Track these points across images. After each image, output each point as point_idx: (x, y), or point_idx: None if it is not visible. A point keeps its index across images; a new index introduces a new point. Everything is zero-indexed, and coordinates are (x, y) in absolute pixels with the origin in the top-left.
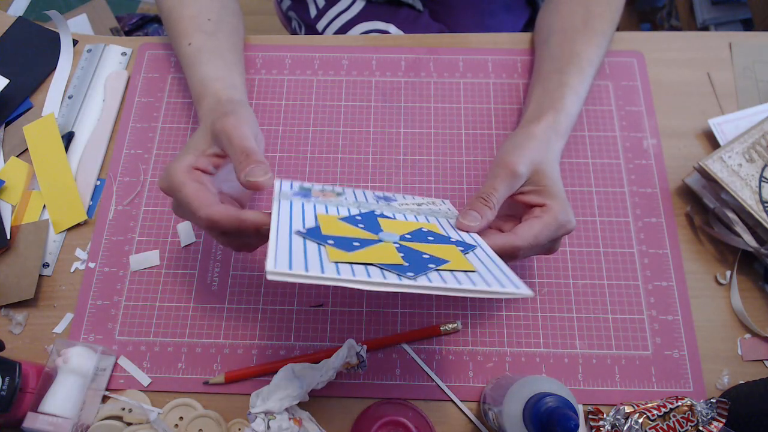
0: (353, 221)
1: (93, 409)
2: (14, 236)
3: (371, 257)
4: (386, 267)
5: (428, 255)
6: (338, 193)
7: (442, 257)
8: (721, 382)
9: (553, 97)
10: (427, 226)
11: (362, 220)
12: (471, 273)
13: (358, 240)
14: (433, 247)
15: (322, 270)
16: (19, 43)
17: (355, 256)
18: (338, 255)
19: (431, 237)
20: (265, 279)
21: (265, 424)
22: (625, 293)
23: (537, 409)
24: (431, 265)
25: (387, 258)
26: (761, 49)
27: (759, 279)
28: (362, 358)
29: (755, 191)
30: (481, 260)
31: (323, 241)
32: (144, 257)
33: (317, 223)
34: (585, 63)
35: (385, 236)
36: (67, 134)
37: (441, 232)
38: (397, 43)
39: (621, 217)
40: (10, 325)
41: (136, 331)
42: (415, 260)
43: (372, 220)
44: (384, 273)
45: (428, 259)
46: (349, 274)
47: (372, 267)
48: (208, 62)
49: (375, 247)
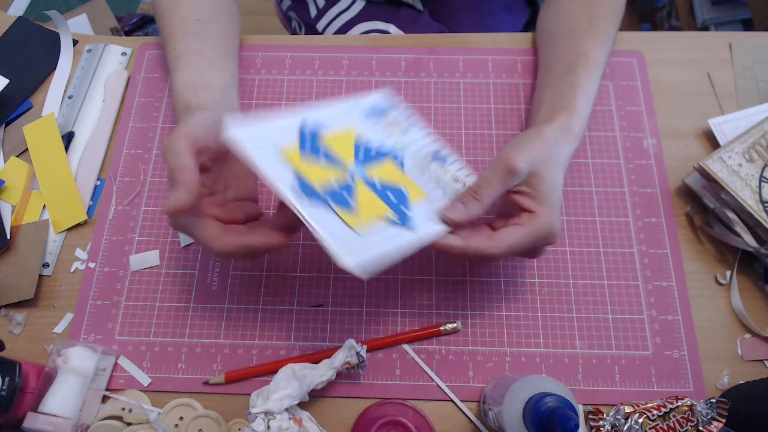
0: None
1: (93, 409)
2: (14, 236)
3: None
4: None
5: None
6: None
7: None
8: (721, 382)
9: (565, 97)
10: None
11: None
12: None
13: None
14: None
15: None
16: (19, 43)
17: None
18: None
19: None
20: (265, 279)
21: (265, 424)
22: (625, 293)
23: (537, 409)
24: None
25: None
26: (761, 49)
27: (759, 279)
28: (362, 358)
29: (755, 191)
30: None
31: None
32: (144, 257)
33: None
34: (593, 63)
35: (353, 171)
36: (67, 134)
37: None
38: (397, 43)
39: (621, 217)
40: (10, 325)
41: (136, 331)
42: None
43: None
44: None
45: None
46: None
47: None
48: (184, 67)
49: (359, 196)
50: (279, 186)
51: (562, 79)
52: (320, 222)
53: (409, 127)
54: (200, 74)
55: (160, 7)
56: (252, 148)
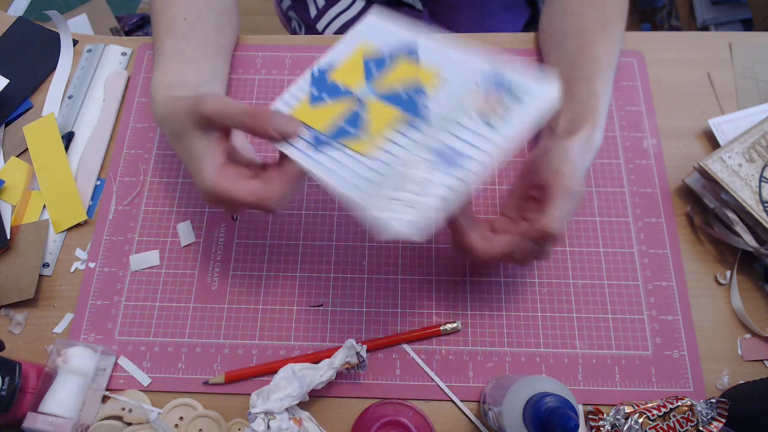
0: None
1: (93, 409)
2: (14, 236)
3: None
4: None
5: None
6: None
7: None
8: (721, 382)
9: (587, 107)
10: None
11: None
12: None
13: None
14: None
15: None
16: (19, 43)
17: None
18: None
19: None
20: (265, 278)
21: (265, 424)
22: (625, 293)
23: (537, 409)
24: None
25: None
26: (761, 49)
27: (759, 279)
28: (362, 358)
29: (755, 191)
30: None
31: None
32: (144, 257)
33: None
34: (608, 69)
35: (362, 94)
36: (67, 134)
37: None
38: None
39: (621, 217)
40: (10, 325)
41: (136, 331)
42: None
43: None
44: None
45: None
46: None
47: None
48: (164, 67)
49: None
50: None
51: (580, 87)
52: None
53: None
54: (176, 73)
55: (154, 7)
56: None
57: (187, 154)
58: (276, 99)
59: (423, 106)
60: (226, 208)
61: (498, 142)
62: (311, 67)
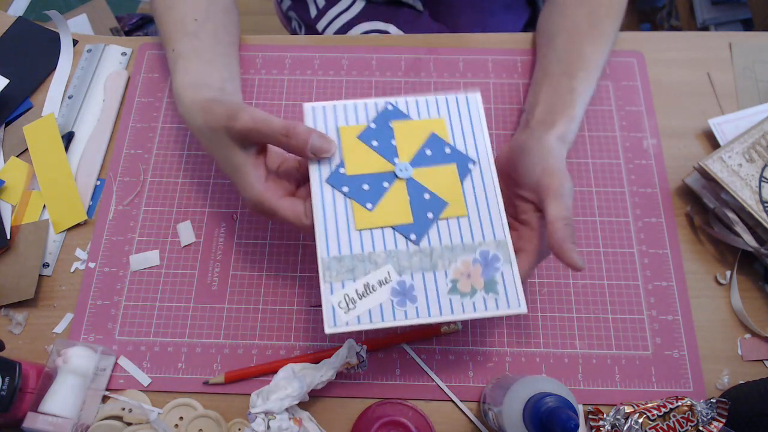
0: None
1: (93, 409)
2: (14, 236)
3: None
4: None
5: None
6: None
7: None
8: (721, 382)
9: (564, 101)
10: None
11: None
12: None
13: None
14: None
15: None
16: (19, 43)
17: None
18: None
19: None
20: (265, 278)
21: (265, 424)
22: (625, 293)
23: (537, 409)
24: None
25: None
26: (761, 49)
27: (759, 279)
28: (362, 358)
29: (755, 191)
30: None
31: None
32: (144, 257)
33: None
34: (593, 67)
35: (399, 169)
36: (67, 134)
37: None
38: (397, 43)
39: (621, 217)
40: (10, 325)
41: (136, 331)
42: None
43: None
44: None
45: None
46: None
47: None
48: (183, 69)
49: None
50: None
51: (561, 81)
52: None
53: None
54: (195, 75)
55: (158, 7)
56: (311, 125)
57: (230, 166)
58: (338, 99)
59: (426, 226)
60: (268, 218)
61: (444, 313)
62: (388, 99)
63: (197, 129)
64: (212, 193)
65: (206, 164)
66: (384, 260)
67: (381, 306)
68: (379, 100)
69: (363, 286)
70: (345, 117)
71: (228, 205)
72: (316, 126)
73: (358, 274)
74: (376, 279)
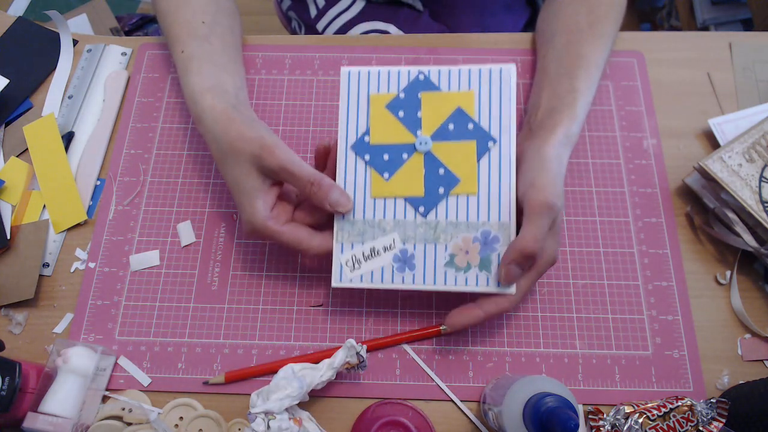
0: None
1: (93, 409)
2: (14, 236)
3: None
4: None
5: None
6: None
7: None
8: (721, 382)
9: (565, 102)
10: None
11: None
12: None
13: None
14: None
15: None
16: (19, 43)
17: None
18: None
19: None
20: (265, 279)
21: (265, 424)
22: (625, 293)
23: (537, 409)
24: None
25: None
26: (761, 49)
27: (759, 279)
28: (362, 358)
29: (755, 191)
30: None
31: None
32: (144, 257)
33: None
34: (593, 67)
35: (419, 142)
36: (67, 134)
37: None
38: (397, 43)
39: (621, 217)
40: (10, 325)
41: (136, 331)
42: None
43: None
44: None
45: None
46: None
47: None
48: (197, 71)
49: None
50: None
51: (561, 81)
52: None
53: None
54: (211, 79)
55: (162, 8)
56: (345, 90)
57: (240, 187)
58: (369, 65)
59: (435, 200)
60: (264, 241)
61: (438, 283)
62: (421, 69)
63: (213, 137)
64: (212, 193)
65: (206, 164)
66: (392, 228)
67: (382, 269)
68: (413, 69)
69: (369, 249)
70: (378, 84)
71: (228, 205)
72: (350, 91)
73: (367, 239)
74: (382, 245)
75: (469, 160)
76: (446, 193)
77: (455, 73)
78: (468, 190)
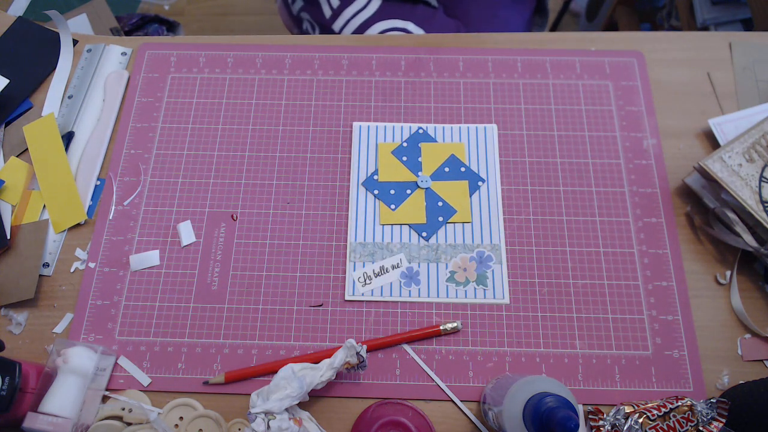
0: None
1: (93, 409)
2: (14, 236)
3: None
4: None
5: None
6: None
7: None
8: (721, 382)
9: None
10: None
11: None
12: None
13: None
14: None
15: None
16: (19, 43)
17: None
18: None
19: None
20: (264, 279)
21: (265, 424)
22: (625, 293)
23: (537, 409)
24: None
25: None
26: (761, 49)
27: (759, 279)
28: (362, 358)
29: (755, 191)
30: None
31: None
32: (144, 257)
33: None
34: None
35: (421, 180)
36: (67, 134)
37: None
38: (397, 42)
39: (621, 217)
40: (10, 325)
41: (136, 331)
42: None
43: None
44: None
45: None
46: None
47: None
48: None
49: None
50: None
51: None
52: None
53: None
54: None
55: None
56: (357, 138)
57: None
58: (379, 121)
59: (436, 226)
60: None
61: (441, 296)
62: (420, 125)
63: None
64: (212, 193)
65: (206, 164)
66: (398, 250)
67: (391, 284)
68: (413, 125)
69: (379, 267)
70: (384, 135)
71: (228, 205)
72: (360, 140)
73: (377, 258)
74: (390, 263)
75: (464, 195)
76: (445, 221)
77: (448, 129)
78: (464, 219)
